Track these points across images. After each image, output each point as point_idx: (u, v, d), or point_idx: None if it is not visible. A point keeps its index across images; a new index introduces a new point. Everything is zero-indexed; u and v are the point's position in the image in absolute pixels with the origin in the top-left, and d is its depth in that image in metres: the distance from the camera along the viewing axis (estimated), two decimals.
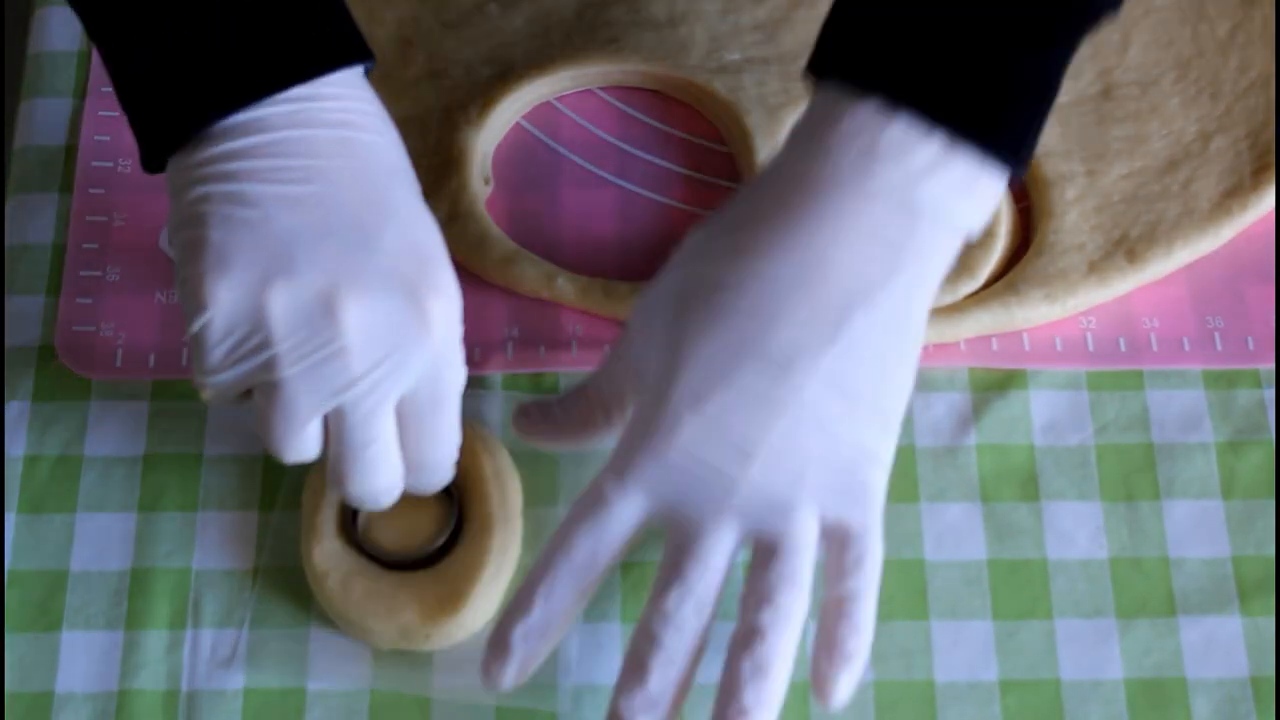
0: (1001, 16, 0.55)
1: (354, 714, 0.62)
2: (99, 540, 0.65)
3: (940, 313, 0.68)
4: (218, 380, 0.57)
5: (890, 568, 0.64)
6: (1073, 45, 0.58)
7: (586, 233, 0.72)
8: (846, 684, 0.55)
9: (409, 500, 0.62)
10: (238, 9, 0.57)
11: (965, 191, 0.56)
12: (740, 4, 0.76)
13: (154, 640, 0.63)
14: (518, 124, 0.75)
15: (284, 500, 0.66)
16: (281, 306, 0.56)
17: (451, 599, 0.62)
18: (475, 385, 0.68)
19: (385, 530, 0.63)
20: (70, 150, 0.74)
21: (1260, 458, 0.67)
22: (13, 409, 0.68)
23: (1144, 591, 0.64)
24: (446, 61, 0.75)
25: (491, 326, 0.70)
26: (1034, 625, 0.64)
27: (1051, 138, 0.72)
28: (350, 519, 0.64)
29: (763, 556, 0.56)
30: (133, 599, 0.64)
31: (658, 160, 0.74)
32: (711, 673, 0.62)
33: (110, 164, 0.73)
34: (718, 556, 0.56)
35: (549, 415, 0.63)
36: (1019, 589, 0.64)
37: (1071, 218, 0.70)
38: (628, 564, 0.64)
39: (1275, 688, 0.62)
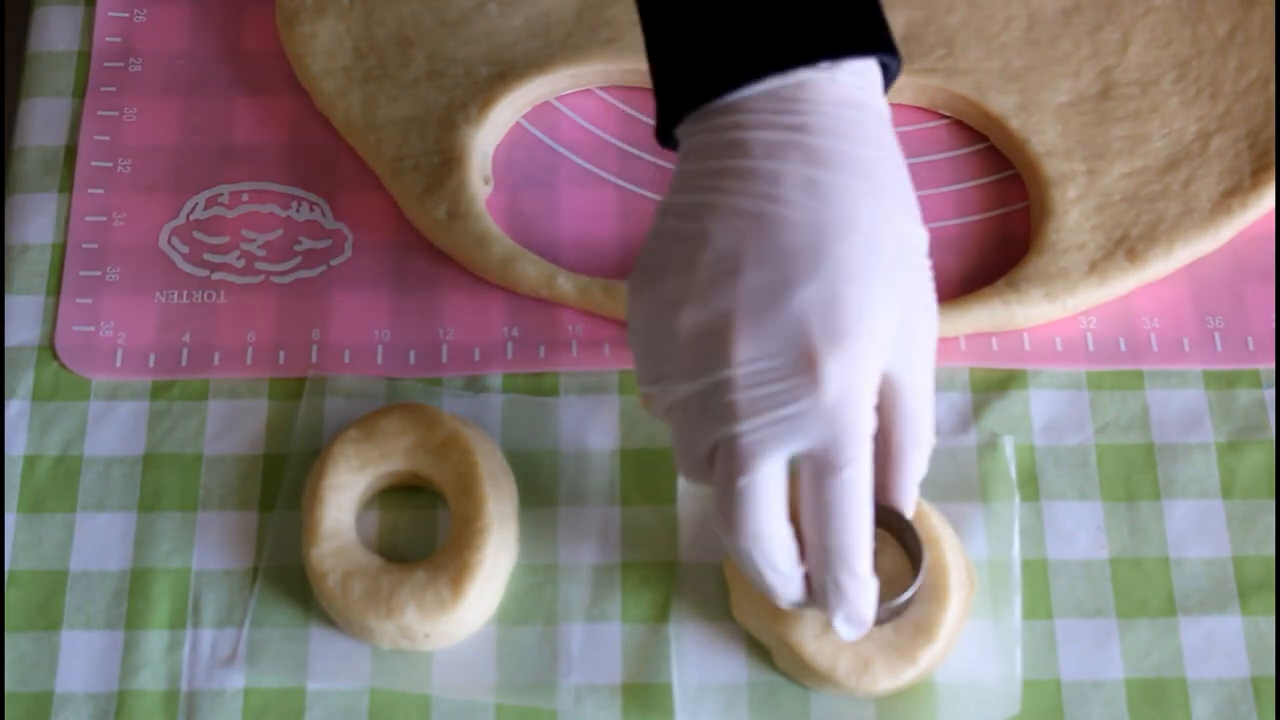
0: None
1: (354, 714, 0.62)
2: (99, 540, 0.65)
3: (941, 308, 0.68)
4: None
5: None
6: None
7: (586, 233, 0.72)
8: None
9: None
10: None
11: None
12: None
13: (154, 640, 0.63)
14: (518, 124, 0.75)
15: (284, 500, 0.66)
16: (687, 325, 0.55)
17: (449, 599, 0.62)
18: (474, 385, 0.68)
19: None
20: (70, 150, 0.74)
21: (1260, 458, 0.67)
22: (13, 409, 0.68)
23: (1144, 591, 0.64)
24: (446, 61, 0.75)
25: (491, 326, 0.70)
26: (1034, 625, 0.63)
27: (1052, 137, 0.72)
28: None
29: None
30: (133, 599, 0.64)
31: (658, 160, 0.74)
32: (715, 674, 0.63)
33: (110, 164, 0.73)
34: None
35: None
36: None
37: (1072, 217, 0.70)
38: (628, 564, 0.64)
39: (1275, 688, 0.62)
